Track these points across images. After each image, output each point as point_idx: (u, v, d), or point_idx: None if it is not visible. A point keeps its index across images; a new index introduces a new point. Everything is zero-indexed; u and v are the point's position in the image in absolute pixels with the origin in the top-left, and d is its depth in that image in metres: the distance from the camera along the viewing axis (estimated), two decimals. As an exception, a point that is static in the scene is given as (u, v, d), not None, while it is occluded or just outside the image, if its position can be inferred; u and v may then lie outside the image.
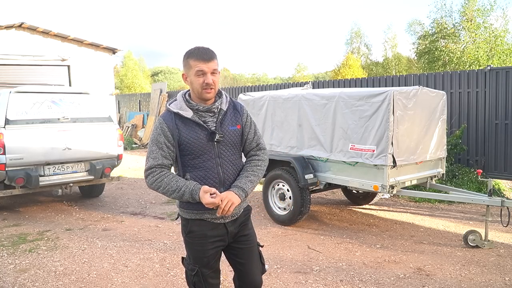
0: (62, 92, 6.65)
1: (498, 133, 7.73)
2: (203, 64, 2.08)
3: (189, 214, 2.20)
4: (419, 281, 3.86)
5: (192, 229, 2.21)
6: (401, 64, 32.05)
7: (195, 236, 2.21)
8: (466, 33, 21.11)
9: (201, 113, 2.17)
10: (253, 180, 2.23)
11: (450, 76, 8.39)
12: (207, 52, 2.11)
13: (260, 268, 2.39)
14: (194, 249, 2.23)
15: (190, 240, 2.23)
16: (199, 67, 2.08)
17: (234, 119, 2.25)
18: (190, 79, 2.13)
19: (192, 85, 2.14)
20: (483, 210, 5.89)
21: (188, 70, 2.12)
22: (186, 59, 2.13)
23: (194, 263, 2.23)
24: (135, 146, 16.18)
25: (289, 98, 5.88)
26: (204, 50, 2.11)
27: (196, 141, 2.13)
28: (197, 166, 2.16)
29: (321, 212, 6.37)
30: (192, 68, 2.10)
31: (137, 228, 5.66)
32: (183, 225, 2.26)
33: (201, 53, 2.10)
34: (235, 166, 2.24)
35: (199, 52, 2.10)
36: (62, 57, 12.35)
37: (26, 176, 5.85)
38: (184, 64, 2.15)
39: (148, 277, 4.01)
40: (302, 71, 40.18)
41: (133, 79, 38.11)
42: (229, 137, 2.20)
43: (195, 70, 2.09)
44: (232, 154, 2.23)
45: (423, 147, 5.28)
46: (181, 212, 2.25)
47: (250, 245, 2.34)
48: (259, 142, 2.34)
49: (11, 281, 3.97)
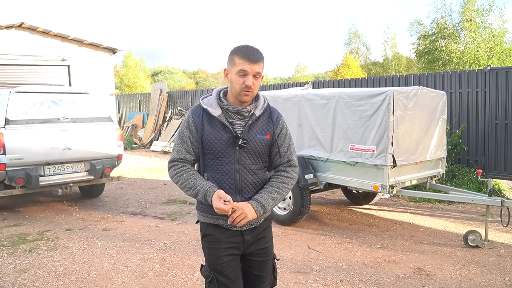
0: (62, 92, 6.65)
1: (498, 133, 7.73)
2: (248, 64, 1.97)
3: (204, 217, 2.14)
4: (419, 281, 3.85)
5: (208, 233, 2.14)
6: (401, 64, 32.04)
7: (210, 240, 2.13)
8: (466, 33, 21.10)
9: (230, 113, 2.06)
10: (276, 198, 2.08)
11: (450, 76, 8.39)
12: (254, 53, 2.00)
13: (271, 281, 2.28)
14: (209, 254, 2.15)
15: (206, 244, 2.16)
16: (243, 67, 1.97)
17: (266, 128, 2.10)
18: (231, 76, 2.02)
19: (232, 83, 2.03)
20: (483, 210, 5.89)
21: (232, 66, 2.02)
22: (232, 55, 2.02)
23: (209, 270, 2.14)
24: (135, 146, 16.18)
25: (289, 98, 5.88)
26: (252, 50, 2.01)
27: (218, 142, 2.04)
28: (215, 168, 2.08)
29: (321, 212, 6.37)
30: (236, 65, 1.99)
31: (137, 228, 5.66)
32: (200, 228, 2.20)
33: (248, 53, 1.99)
34: (255, 176, 2.11)
35: (247, 51, 2.00)
36: (62, 57, 12.34)
37: (26, 176, 5.85)
38: (229, 59, 2.04)
39: (148, 277, 4.01)
40: (302, 71, 40.16)
41: (134, 78, 38.11)
42: (254, 145, 2.07)
43: (238, 68, 1.98)
44: (254, 163, 2.10)
45: (423, 147, 5.28)
46: (198, 215, 2.20)
47: (267, 258, 2.23)
48: (291, 158, 2.17)
49: (11, 281, 3.97)
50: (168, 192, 8.02)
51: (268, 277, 2.24)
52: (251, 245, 2.15)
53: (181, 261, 4.42)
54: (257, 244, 2.17)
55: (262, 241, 2.19)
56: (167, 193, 7.97)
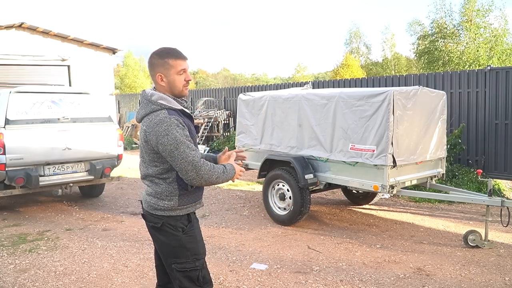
0: (62, 92, 6.65)
1: (498, 133, 7.73)
2: (184, 61, 2.18)
3: (187, 208, 2.26)
4: (419, 281, 3.86)
5: (192, 221, 2.29)
6: (401, 64, 32.07)
7: (195, 227, 2.30)
8: (467, 34, 21.11)
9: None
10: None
11: (450, 76, 8.39)
12: (180, 51, 2.21)
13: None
14: (198, 239, 2.29)
15: (192, 233, 2.26)
16: (182, 66, 2.17)
17: None
18: (170, 78, 2.17)
19: (173, 84, 2.19)
20: (483, 210, 5.89)
21: (168, 70, 2.16)
22: (162, 60, 2.15)
23: (202, 254, 2.28)
24: (135, 146, 16.19)
25: (289, 98, 5.88)
26: (176, 50, 2.21)
27: (194, 133, 2.28)
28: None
29: (321, 212, 6.37)
30: (174, 67, 2.16)
31: (137, 228, 5.66)
32: (183, 223, 2.23)
33: (177, 53, 2.18)
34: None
35: (176, 52, 2.19)
36: (62, 57, 12.35)
37: (26, 176, 5.85)
38: (160, 65, 2.16)
39: (148, 277, 4.01)
40: (302, 71, 40.22)
41: (134, 78, 38.12)
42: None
43: (178, 69, 2.16)
44: None
45: (423, 147, 5.28)
46: (179, 211, 2.22)
47: None
48: None
49: (11, 281, 3.97)
50: (168, 192, 8.00)
51: None
52: None
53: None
54: None
55: None
56: (167, 193, 7.96)
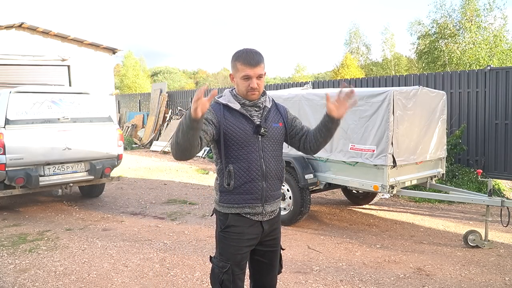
0: (62, 92, 6.65)
1: (498, 133, 7.73)
2: (250, 69, 2.13)
3: (229, 208, 2.23)
4: (419, 281, 3.86)
5: (231, 224, 2.23)
6: (401, 64, 32.05)
7: (233, 231, 2.23)
8: (467, 34, 21.10)
9: (247, 107, 2.24)
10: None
11: (450, 76, 8.39)
12: (254, 56, 2.15)
13: (278, 269, 2.46)
14: (230, 245, 2.23)
15: (227, 235, 2.23)
16: (246, 72, 2.14)
17: (277, 117, 2.33)
18: (237, 80, 2.20)
19: (238, 86, 2.22)
20: (483, 210, 5.89)
21: (236, 72, 2.19)
22: (234, 61, 2.19)
23: (226, 260, 2.22)
24: (135, 146, 16.18)
25: (289, 98, 5.88)
26: (251, 54, 2.15)
27: (242, 132, 2.19)
28: (241, 158, 2.20)
29: (321, 212, 6.37)
30: (239, 71, 2.16)
31: (137, 228, 5.66)
32: (220, 220, 2.27)
33: (248, 58, 2.14)
34: (277, 161, 2.29)
35: (247, 56, 2.15)
36: (62, 57, 12.34)
37: (26, 176, 5.85)
38: (232, 66, 2.21)
39: (148, 277, 4.01)
40: (301, 71, 40.17)
41: (134, 78, 38.10)
42: (272, 132, 2.27)
43: (242, 74, 2.15)
44: (275, 150, 2.28)
45: (423, 147, 5.28)
46: (220, 207, 2.26)
47: (277, 248, 2.39)
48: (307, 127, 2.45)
49: (11, 281, 3.97)
50: (168, 192, 8.02)
51: (276, 266, 2.42)
52: (266, 235, 2.30)
53: (181, 261, 4.42)
54: (271, 234, 2.33)
55: (275, 232, 2.35)
56: (167, 193, 7.97)
